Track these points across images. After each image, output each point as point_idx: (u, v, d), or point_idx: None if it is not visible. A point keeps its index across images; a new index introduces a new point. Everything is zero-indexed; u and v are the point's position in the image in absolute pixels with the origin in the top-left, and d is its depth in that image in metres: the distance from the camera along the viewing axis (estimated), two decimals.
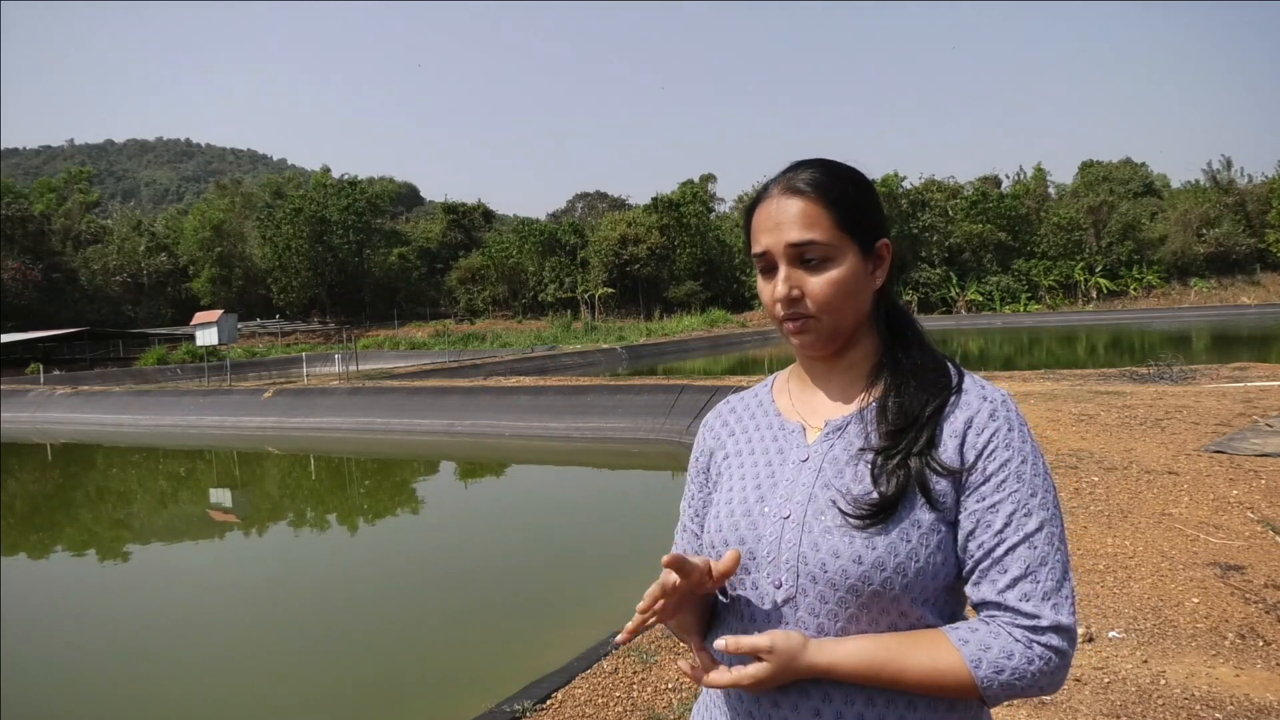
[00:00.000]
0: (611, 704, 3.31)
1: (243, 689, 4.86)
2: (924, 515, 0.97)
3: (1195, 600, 3.85)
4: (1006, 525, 0.96)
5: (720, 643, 0.95)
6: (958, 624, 0.98)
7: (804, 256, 1.03)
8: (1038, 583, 0.94)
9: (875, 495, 0.98)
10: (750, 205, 1.10)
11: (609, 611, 5.10)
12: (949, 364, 1.08)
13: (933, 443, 1.01)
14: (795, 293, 1.03)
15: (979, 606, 0.98)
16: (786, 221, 1.03)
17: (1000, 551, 0.96)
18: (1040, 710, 2.96)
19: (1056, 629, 0.93)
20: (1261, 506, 5.30)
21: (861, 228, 1.05)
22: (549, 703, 3.37)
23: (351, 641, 5.55)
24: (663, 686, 3.43)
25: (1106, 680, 3.15)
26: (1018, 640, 0.93)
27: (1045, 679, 0.92)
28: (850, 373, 1.11)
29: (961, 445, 1.00)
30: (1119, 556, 4.50)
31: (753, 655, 0.95)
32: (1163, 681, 3.11)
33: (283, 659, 5.35)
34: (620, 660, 3.72)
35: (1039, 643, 0.92)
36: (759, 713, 1.02)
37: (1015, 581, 0.94)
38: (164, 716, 4.61)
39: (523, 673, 3.90)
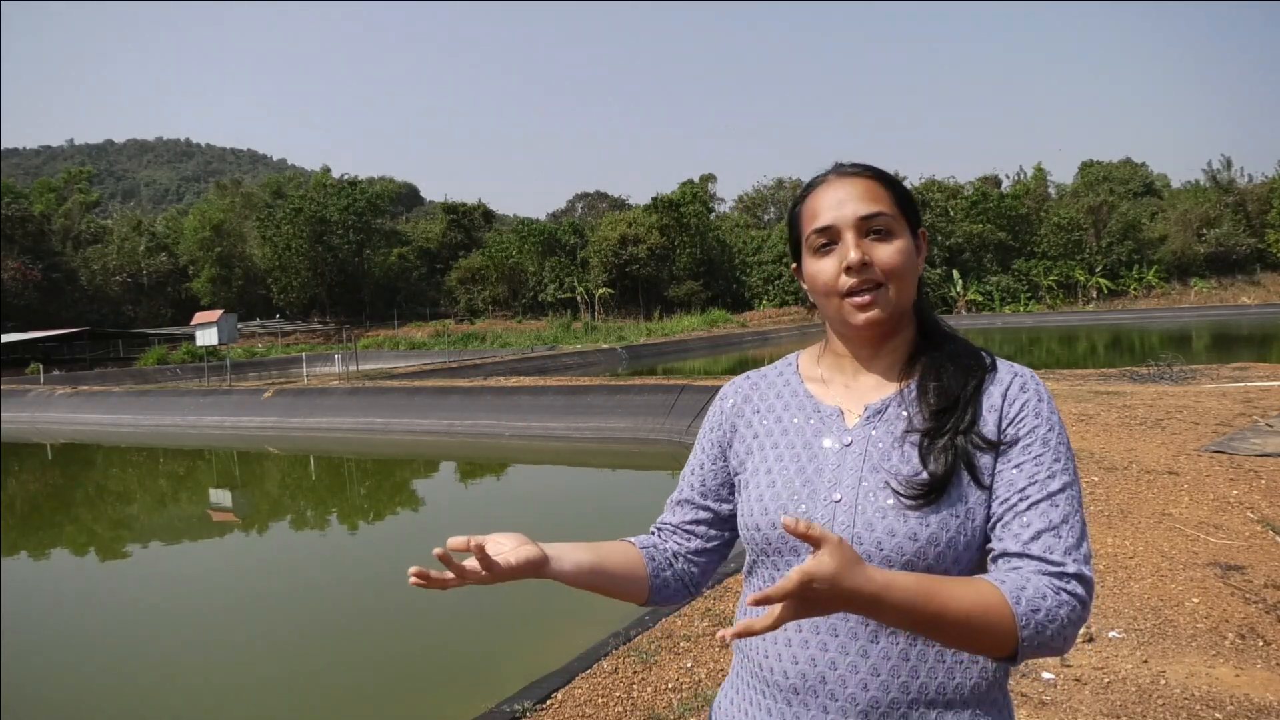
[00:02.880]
0: (611, 704, 3.31)
1: (243, 688, 4.86)
2: (970, 491, 1.02)
3: (1195, 600, 3.85)
4: (1031, 484, 1.01)
5: (789, 522, 0.82)
6: (989, 572, 1.01)
7: (872, 228, 1.08)
8: (1060, 537, 0.98)
9: (925, 475, 1.01)
10: (800, 197, 1.15)
11: (609, 612, 5.10)
12: (981, 351, 1.13)
13: (975, 420, 1.05)
14: (868, 258, 1.06)
15: (1000, 558, 0.99)
16: (852, 199, 1.08)
17: (1024, 507, 1.00)
18: (1040, 710, 2.96)
19: (1079, 577, 0.96)
20: (1261, 506, 5.30)
21: (911, 211, 1.13)
22: (549, 703, 3.37)
23: (351, 641, 5.55)
24: (663, 686, 3.43)
25: (1106, 680, 3.15)
26: (1046, 584, 0.96)
27: (1070, 629, 0.94)
28: (891, 357, 1.14)
29: (1000, 419, 1.05)
30: (1119, 556, 4.50)
31: (816, 543, 0.84)
32: (1163, 681, 3.11)
33: (282, 658, 5.35)
34: (620, 660, 3.72)
35: (1065, 589, 0.95)
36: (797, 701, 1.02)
37: (1039, 534, 0.98)
38: (164, 717, 4.61)
39: (523, 673, 3.90)
